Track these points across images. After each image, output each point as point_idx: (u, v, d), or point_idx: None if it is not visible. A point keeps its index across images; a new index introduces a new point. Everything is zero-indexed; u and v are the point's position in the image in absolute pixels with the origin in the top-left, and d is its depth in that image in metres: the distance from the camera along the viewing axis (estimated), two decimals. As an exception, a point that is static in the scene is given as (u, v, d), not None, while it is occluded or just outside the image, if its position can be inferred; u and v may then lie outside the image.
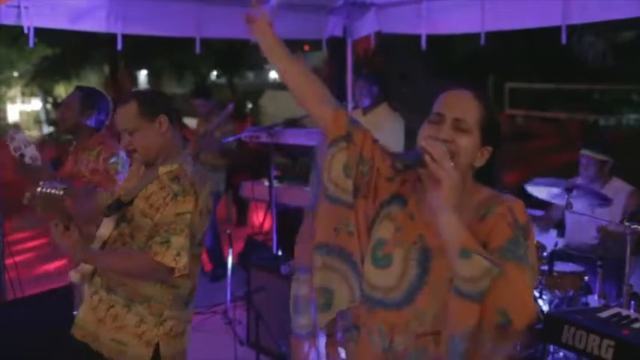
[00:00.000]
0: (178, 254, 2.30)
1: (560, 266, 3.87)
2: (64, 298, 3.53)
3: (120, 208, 2.44)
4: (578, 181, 4.25)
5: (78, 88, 3.55)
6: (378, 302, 1.66)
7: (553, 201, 4.11)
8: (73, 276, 2.52)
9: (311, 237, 1.76)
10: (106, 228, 2.47)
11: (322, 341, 1.82)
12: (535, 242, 3.74)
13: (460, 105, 1.62)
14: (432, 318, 1.59)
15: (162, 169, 2.41)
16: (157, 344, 2.41)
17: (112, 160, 3.31)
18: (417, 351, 1.59)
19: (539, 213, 4.52)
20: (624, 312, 3.14)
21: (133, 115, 2.41)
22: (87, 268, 2.50)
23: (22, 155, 2.93)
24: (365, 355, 1.70)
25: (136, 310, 2.41)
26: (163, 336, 2.42)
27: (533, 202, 4.33)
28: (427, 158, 1.52)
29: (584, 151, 4.18)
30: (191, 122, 8.64)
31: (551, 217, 4.40)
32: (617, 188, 4.17)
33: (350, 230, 1.71)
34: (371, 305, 1.68)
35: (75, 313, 3.49)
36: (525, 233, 1.57)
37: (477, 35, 4.87)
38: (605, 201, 3.92)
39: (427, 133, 1.61)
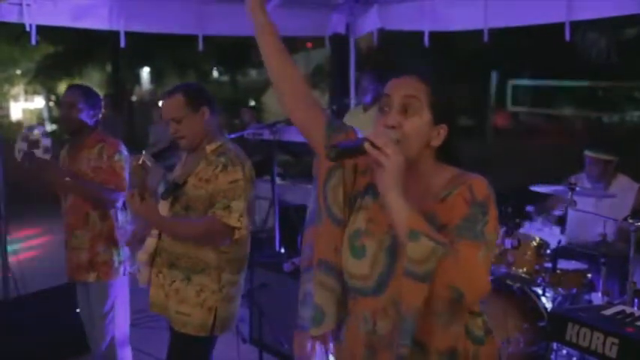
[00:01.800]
0: (241, 215, 2.63)
1: (563, 264, 3.86)
2: (68, 296, 3.53)
3: (176, 189, 2.71)
4: (582, 178, 4.24)
5: (75, 86, 3.53)
6: (358, 291, 1.72)
7: (558, 194, 4.10)
8: (142, 256, 2.78)
9: (314, 244, 1.81)
10: (163, 210, 2.73)
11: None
12: (538, 240, 3.79)
13: (407, 85, 1.67)
14: None
15: (209, 148, 2.73)
16: (216, 309, 2.69)
17: (117, 158, 3.34)
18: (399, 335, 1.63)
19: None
20: (628, 309, 3.13)
21: (180, 106, 2.71)
22: (151, 247, 2.76)
23: (35, 145, 3.20)
24: (353, 339, 1.76)
25: (195, 280, 2.69)
26: (221, 301, 2.71)
27: (536, 198, 4.32)
28: (367, 145, 1.56)
29: (588, 152, 4.17)
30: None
31: (550, 207, 4.40)
32: (624, 186, 4.16)
33: None
34: (353, 294, 1.75)
35: (77, 310, 3.52)
36: (484, 209, 1.61)
37: (480, 32, 4.86)
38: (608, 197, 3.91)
39: (377, 123, 1.67)
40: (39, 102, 20.53)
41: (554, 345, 3.48)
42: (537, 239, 3.83)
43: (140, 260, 2.80)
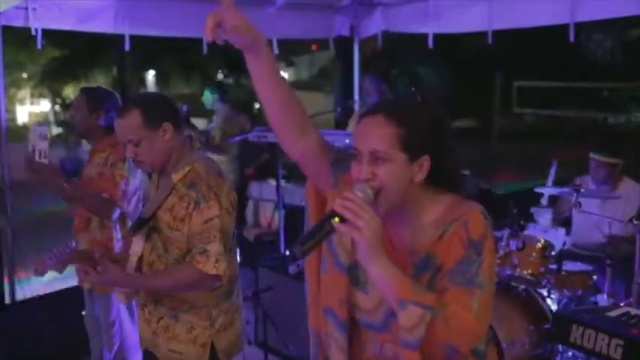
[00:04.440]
0: (217, 260, 2.31)
1: (568, 265, 3.86)
2: (74, 299, 3.54)
3: (142, 225, 2.43)
4: (588, 180, 4.24)
5: (83, 90, 3.54)
6: (366, 324, 1.68)
7: (563, 195, 4.10)
8: (119, 298, 2.57)
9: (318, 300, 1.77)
10: (138, 245, 2.47)
11: None
12: (543, 241, 3.78)
13: (372, 134, 1.56)
14: None
15: (176, 177, 2.38)
16: (212, 344, 2.44)
17: (119, 166, 3.23)
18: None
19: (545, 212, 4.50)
20: (633, 311, 3.13)
21: (136, 126, 2.35)
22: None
23: (33, 149, 3.00)
24: (359, 357, 1.72)
25: (184, 318, 2.43)
26: (215, 334, 2.45)
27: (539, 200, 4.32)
28: (335, 224, 1.48)
29: (593, 155, 4.15)
30: (198, 122, 8.64)
31: (561, 212, 4.38)
32: (630, 189, 4.14)
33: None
34: (360, 326, 1.70)
35: (83, 313, 3.52)
36: (479, 248, 1.54)
37: (484, 34, 4.86)
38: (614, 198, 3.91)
39: (353, 176, 1.58)
40: (45, 105, 20.59)
41: (560, 347, 3.47)
42: (542, 241, 3.82)
43: (118, 300, 2.61)
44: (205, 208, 2.31)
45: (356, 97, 6.03)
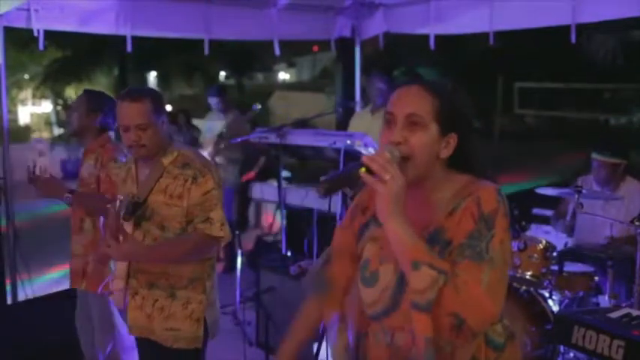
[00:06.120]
0: (222, 224, 2.57)
1: (569, 266, 3.85)
2: (75, 300, 3.54)
3: (137, 209, 2.59)
4: (590, 180, 4.23)
5: (85, 91, 3.58)
6: (373, 317, 1.71)
7: (564, 196, 4.09)
8: (118, 284, 2.69)
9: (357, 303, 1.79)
10: (127, 230, 2.59)
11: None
12: (545, 242, 3.79)
13: (411, 100, 1.60)
14: None
15: (166, 160, 2.62)
16: (204, 319, 2.64)
17: (111, 165, 3.23)
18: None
19: (548, 212, 4.49)
20: (634, 312, 3.12)
21: (148, 112, 2.58)
22: (123, 271, 2.67)
23: (34, 165, 3.13)
24: (371, 350, 1.73)
25: (180, 295, 2.62)
26: (206, 308, 2.65)
27: (542, 201, 4.31)
28: (362, 172, 1.51)
29: (594, 155, 4.14)
30: (199, 123, 8.65)
31: (564, 213, 4.37)
32: (632, 189, 4.13)
33: None
34: (370, 319, 1.72)
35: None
36: (490, 223, 1.54)
37: (486, 35, 4.86)
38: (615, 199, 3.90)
39: (382, 139, 1.62)
40: (47, 106, 20.64)
41: (561, 348, 3.47)
42: (544, 242, 3.82)
43: (115, 303, 2.72)
44: (203, 182, 2.56)
45: (357, 97, 6.04)
